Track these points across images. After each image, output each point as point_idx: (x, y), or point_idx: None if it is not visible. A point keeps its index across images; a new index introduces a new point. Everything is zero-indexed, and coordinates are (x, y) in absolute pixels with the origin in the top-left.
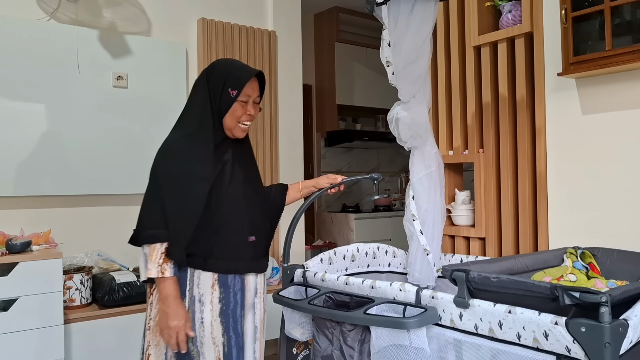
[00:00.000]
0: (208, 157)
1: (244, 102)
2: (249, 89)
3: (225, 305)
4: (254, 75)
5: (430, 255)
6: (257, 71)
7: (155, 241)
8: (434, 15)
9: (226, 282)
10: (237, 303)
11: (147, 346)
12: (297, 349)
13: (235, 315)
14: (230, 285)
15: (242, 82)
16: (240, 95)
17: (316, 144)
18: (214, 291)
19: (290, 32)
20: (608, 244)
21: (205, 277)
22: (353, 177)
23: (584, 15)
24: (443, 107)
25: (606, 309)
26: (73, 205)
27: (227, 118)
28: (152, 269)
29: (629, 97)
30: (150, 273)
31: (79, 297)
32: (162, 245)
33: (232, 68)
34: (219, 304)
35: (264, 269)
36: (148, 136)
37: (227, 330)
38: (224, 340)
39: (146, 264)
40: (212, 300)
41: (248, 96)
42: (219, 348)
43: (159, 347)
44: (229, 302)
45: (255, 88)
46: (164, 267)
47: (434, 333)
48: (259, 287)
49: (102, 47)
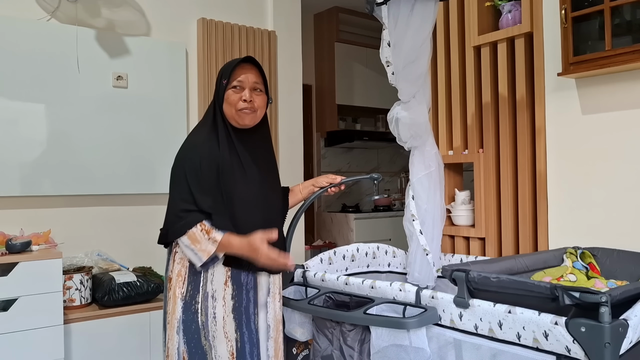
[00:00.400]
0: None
1: (237, 87)
2: (239, 75)
3: (238, 302)
4: (241, 62)
5: (430, 255)
6: (243, 57)
7: (188, 228)
8: (433, 15)
9: (239, 279)
10: (249, 301)
11: (167, 339)
12: (297, 349)
13: (248, 313)
14: (243, 283)
15: (229, 69)
16: (230, 82)
17: (316, 144)
18: (226, 288)
19: (290, 32)
20: (608, 244)
21: (218, 274)
22: (353, 177)
23: (583, 15)
24: (443, 107)
25: (606, 309)
26: (73, 205)
27: (225, 107)
28: (207, 246)
29: (628, 97)
30: (208, 251)
31: (79, 297)
32: (197, 229)
33: (225, 64)
34: (231, 300)
35: (274, 270)
36: (148, 136)
37: (240, 327)
38: (237, 335)
39: (195, 251)
40: (224, 296)
41: (240, 82)
42: (232, 343)
43: (172, 342)
44: (242, 300)
45: (248, 74)
46: (213, 237)
47: (433, 333)
48: (272, 287)
49: (102, 47)
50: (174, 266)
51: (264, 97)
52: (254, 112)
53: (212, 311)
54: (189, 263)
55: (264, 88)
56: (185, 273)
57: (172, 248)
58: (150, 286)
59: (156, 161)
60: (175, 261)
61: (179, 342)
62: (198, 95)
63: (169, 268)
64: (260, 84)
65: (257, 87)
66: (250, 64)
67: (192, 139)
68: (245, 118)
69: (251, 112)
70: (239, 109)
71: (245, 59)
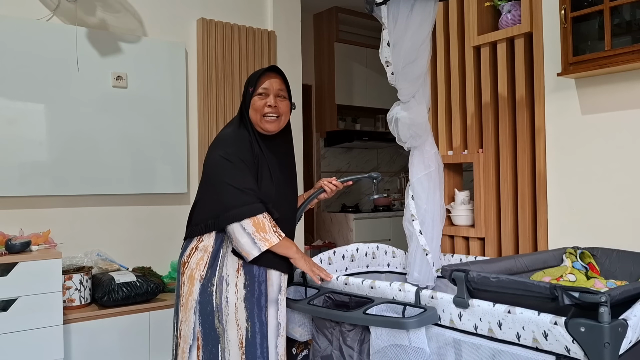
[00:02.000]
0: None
1: (262, 94)
2: (264, 83)
3: (250, 292)
4: (266, 71)
5: (429, 255)
6: (268, 66)
7: (256, 214)
8: (433, 15)
9: (251, 270)
10: (261, 293)
11: (180, 322)
12: (297, 349)
13: (260, 304)
14: (255, 274)
15: (255, 77)
16: (256, 89)
17: (316, 144)
18: (239, 275)
19: (289, 32)
20: (607, 244)
21: (231, 260)
22: (352, 176)
23: (583, 15)
24: (442, 107)
25: (605, 309)
26: (72, 205)
27: (251, 113)
28: (272, 237)
29: (628, 97)
30: (271, 242)
31: (79, 297)
32: (265, 218)
33: (252, 73)
34: (244, 289)
35: (286, 270)
36: (147, 136)
37: (252, 317)
38: (248, 325)
39: (255, 240)
40: (237, 283)
41: (265, 89)
42: (242, 332)
43: (187, 323)
44: (254, 291)
45: (272, 82)
46: (279, 232)
47: (433, 333)
48: (284, 285)
49: (102, 47)
50: (194, 253)
51: (287, 103)
52: (278, 118)
53: (225, 295)
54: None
55: (287, 95)
56: (207, 258)
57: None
58: (150, 286)
59: (156, 161)
60: (199, 248)
61: (195, 322)
62: (198, 95)
63: (185, 253)
64: (284, 90)
65: (281, 93)
66: (275, 73)
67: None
68: (269, 125)
69: (275, 119)
70: (264, 113)
71: (270, 68)
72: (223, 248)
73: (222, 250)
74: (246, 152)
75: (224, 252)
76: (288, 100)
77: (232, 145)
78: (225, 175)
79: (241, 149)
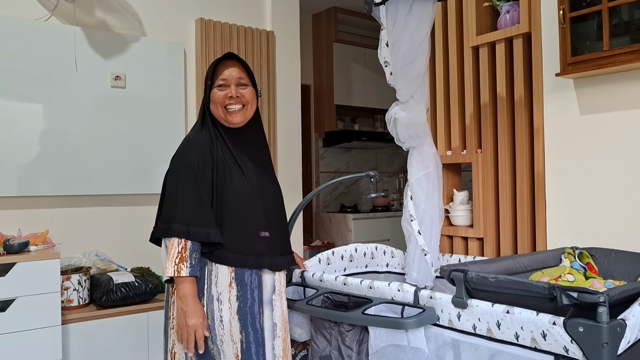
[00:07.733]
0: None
1: (222, 86)
2: (222, 73)
3: (243, 302)
4: (223, 59)
5: (428, 255)
6: (224, 54)
7: (173, 235)
8: (432, 16)
9: (243, 279)
10: (254, 300)
11: (173, 345)
12: (295, 350)
13: (253, 312)
14: (247, 282)
15: (211, 69)
16: (214, 81)
17: (314, 144)
18: (231, 289)
19: (288, 33)
20: (606, 244)
21: (222, 275)
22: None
23: (581, 15)
24: (441, 108)
25: (604, 309)
26: (71, 205)
27: (212, 107)
28: (169, 267)
29: (627, 97)
30: (167, 272)
31: (77, 298)
32: (179, 244)
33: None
34: (236, 301)
35: (279, 267)
36: (146, 136)
37: (245, 327)
38: (242, 337)
39: (163, 261)
40: (230, 298)
41: (224, 79)
42: (237, 345)
43: (180, 346)
44: (247, 300)
45: (231, 70)
46: (180, 267)
47: (432, 333)
48: (278, 285)
49: (100, 47)
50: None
51: (251, 90)
52: (243, 108)
53: (218, 314)
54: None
55: (249, 81)
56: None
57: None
58: (149, 287)
59: (154, 161)
60: None
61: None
62: (196, 96)
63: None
64: (245, 78)
65: (242, 82)
66: (233, 60)
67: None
68: (234, 117)
69: (240, 109)
70: (225, 105)
71: (226, 55)
72: (208, 265)
73: (208, 267)
74: (200, 161)
75: (210, 270)
76: (252, 87)
77: (181, 158)
78: (168, 188)
79: (192, 160)
